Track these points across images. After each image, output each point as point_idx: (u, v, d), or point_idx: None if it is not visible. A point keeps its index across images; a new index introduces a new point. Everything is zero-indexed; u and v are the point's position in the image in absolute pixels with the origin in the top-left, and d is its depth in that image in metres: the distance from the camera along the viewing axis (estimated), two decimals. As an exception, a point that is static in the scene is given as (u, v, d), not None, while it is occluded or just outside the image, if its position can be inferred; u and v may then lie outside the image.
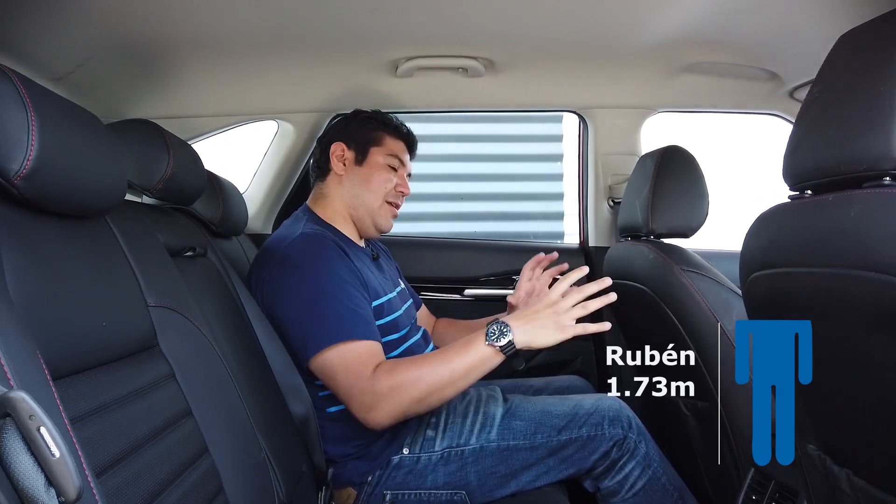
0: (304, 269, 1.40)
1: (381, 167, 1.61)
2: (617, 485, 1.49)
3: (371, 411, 1.29)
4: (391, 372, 1.30)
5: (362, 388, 1.30)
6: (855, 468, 0.97)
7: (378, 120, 1.66)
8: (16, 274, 0.69)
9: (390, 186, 1.61)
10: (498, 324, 1.28)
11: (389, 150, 1.63)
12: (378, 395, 1.28)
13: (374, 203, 1.60)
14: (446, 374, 1.29)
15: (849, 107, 0.87)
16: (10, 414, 0.49)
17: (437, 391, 1.29)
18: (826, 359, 0.96)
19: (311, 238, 1.46)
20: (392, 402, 1.28)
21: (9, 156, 0.71)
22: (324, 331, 1.34)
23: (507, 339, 1.26)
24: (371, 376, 1.29)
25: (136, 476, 0.80)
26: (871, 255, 0.79)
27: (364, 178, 1.60)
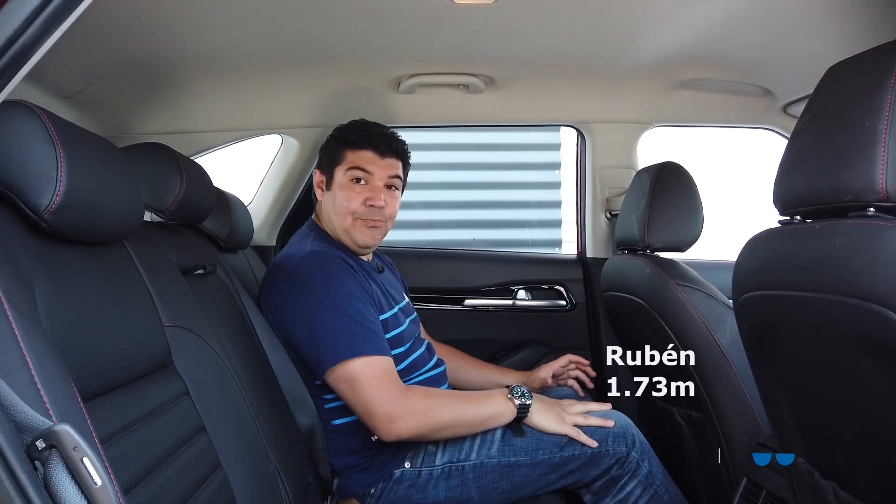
0: (316, 285, 1.43)
1: (342, 186, 1.58)
2: (619, 503, 1.51)
3: (395, 423, 1.37)
4: (428, 395, 1.43)
5: (390, 401, 1.37)
6: (841, 482, 1.01)
7: (339, 138, 1.61)
8: (47, 303, 0.73)
9: (355, 204, 1.56)
10: (521, 388, 1.48)
11: (350, 163, 1.57)
12: (409, 410, 1.38)
13: (344, 223, 1.57)
14: (468, 414, 1.44)
15: (836, 138, 0.91)
16: (55, 445, 0.53)
17: (455, 426, 1.44)
18: (814, 379, 1.01)
19: (321, 255, 1.49)
20: (420, 420, 1.39)
21: (39, 192, 0.75)
22: (339, 346, 1.38)
23: (528, 403, 1.46)
24: (405, 391, 1.39)
25: (158, 493, 0.84)
26: (854, 282, 0.83)
27: (331, 202, 1.59)
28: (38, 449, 0.53)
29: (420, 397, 1.40)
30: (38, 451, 0.52)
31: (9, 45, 0.66)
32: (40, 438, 0.52)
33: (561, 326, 2.28)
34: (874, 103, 0.85)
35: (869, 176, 0.84)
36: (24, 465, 0.52)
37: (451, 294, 2.32)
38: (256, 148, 2.28)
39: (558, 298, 2.31)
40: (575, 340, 2.28)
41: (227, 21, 1.47)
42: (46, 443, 0.52)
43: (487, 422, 1.45)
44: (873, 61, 0.89)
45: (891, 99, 0.84)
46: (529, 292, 2.31)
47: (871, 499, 0.96)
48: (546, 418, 1.47)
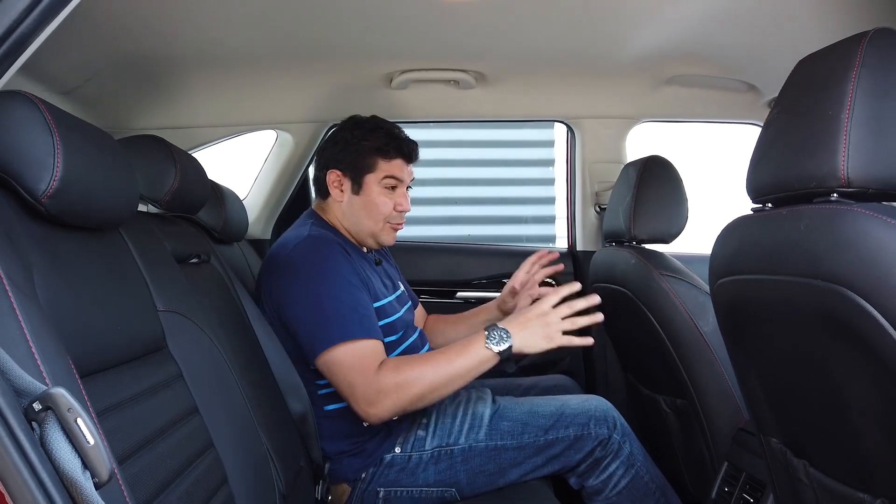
0: (310, 270, 1.46)
1: (378, 194, 1.61)
2: (601, 483, 1.55)
3: (373, 406, 1.36)
4: (396, 370, 1.38)
5: (366, 384, 1.37)
6: (811, 460, 1.05)
7: (371, 144, 1.61)
8: (44, 284, 0.77)
9: (388, 209, 1.61)
10: (497, 329, 1.38)
11: (384, 172, 1.61)
12: (382, 391, 1.36)
13: (375, 227, 1.62)
14: (447, 373, 1.38)
15: (803, 128, 0.95)
16: (51, 407, 0.56)
17: (437, 389, 1.39)
18: (784, 360, 1.05)
19: (317, 240, 1.52)
20: (395, 398, 1.36)
21: (37, 177, 0.79)
22: (330, 330, 1.41)
23: (508, 345, 1.37)
24: (376, 372, 1.37)
25: (151, 466, 0.87)
26: (817, 264, 0.87)
27: (362, 206, 1.61)
28: (34, 411, 0.56)
29: (391, 374, 1.37)
30: (35, 412, 0.56)
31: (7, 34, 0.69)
32: (37, 401, 0.56)
33: (551, 319, 2.31)
34: (838, 93, 0.89)
35: (831, 163, 0.88)
36: (22, 425, 0.56)
37: (443, 287, 2.35)
38: (252, 144, 2.32)
39: (549, 291, 2.34)
40: (565, 332, 2.31)
41: (223, 18, 1.50)
42: (42, 405, 0.56)
43: (469, 373, 1.38)
44: (838, 53, 0.93)
45: (853, 89, 0.88)
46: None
47: (838, 475, 1.00)
48: (533, 343, 1.38)
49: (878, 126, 0.86)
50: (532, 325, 1.38)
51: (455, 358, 1.39)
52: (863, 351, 0.83)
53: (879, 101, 0.87)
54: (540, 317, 1.39)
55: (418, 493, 1.52)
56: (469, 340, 1.39)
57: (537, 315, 1.39)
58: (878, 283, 0.79)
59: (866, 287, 0.80)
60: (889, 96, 0.87)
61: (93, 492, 0.55)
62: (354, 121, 1.67)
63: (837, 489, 0.99)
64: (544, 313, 1.39)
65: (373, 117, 1.68)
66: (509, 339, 1.37)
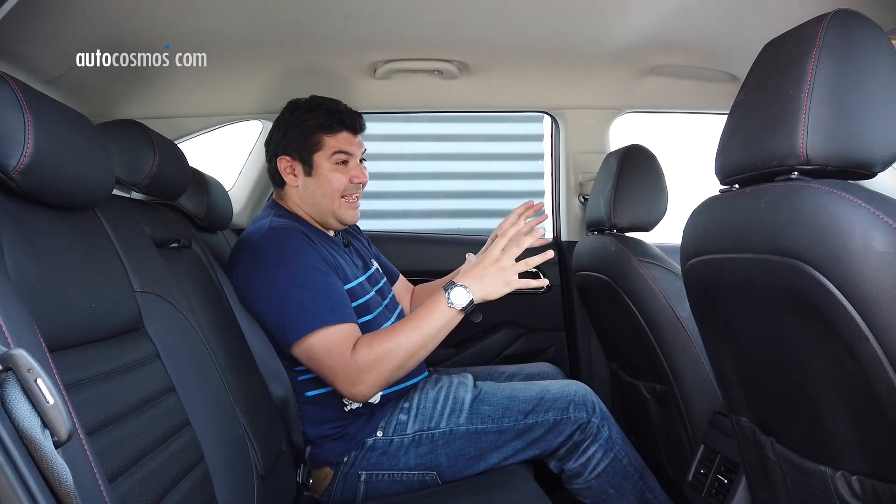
0: (276, 260, 1.46)
1: (329, 170, 1.61)
2: (580, 466, 1.57)
3: (357, 385, 1.38)
4: (370, 345, 1.39)
5: (345, 366, 1.38)
6: (777, 436, 1.07)
7: (312, 123, 1.62)
8: (14, 257, 0.78)
9: (343, 183, 1.61)
10: (455, 287, 1.40)
11: (332, 148, 1.61)
12: (361, 369, 1.37)
13: (332, 204, 1.62)
14: (419, 339, 1.40)
15: (766, 109, 0.97)
16: (11, 368, 0.58)
17: (413, 355, 1.40)
18: (750, 337, 1.07)
19: (279, 230, 1.52)
20: (376, 373, 1.38)
21: (7, 153, 0.80)
22: (302, 320, 1.41)
23: (469, 299, 1.39)
24: (352, 353, 1.38)
25: (121, 440, 0.89)
26: (777, 240, 0.89)
27: (316, 186, 1.62)
28: (-5, 371, 0.58)
29: (366, 350, 1.38)
30: (-4, 373, 0.58)
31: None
32: (-3, 362, 0.58)
33: (536, 308, 2.33)
34: (798, 73, 0.91)
35: (791, 142, 0.90)
36: (-18, 385, 0.57)
37: (429, 277, 2.36)
38: (239, 136, 2.33)
39: (534, 280, 2.35)
40: (550, 321, 2.33)
41: (205, 5, 1.51)
42: (3, 365, 0.57)
43: (440, 333, 1.41)
44: (800, 35, 0.95)
45: (812, 69, 0.89)
46: (506, 275, 2.36)
47: (802, 449, 1.01)
48: (493, 290, 1.41)
49: (837, 105, 0.88)
50: (488, 274, 1.40)
51: (422, 323, 1.40)
52: (821, 325, 0.85)
53: (838, 80, 0.88)
54: (494, 263, 1.41)
55: (399, 476, 1.54)
56: (432, 303, 1.41)
57: (491, 262, 1.41)
58: (833, 257, 0.81)
59: (822, 261, 0.82)
60: (848, 76, 0.89)
61: (51, 449, 0.57)
62: (293, 104, 1.68)
63: (801, 464, 1.00)
64: (496, 258, 1.41)
65: (311, 97, 1.68)
66: (469, 294, 1.39)
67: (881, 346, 0.78)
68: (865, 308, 0.78)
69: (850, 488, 0.91)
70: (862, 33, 0.90)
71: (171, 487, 0.96)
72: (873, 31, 0.90)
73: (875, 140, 0.87)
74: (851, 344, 0.81)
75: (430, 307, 1.41)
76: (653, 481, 1.64)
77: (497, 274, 1.40)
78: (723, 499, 1.40)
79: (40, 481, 0.56)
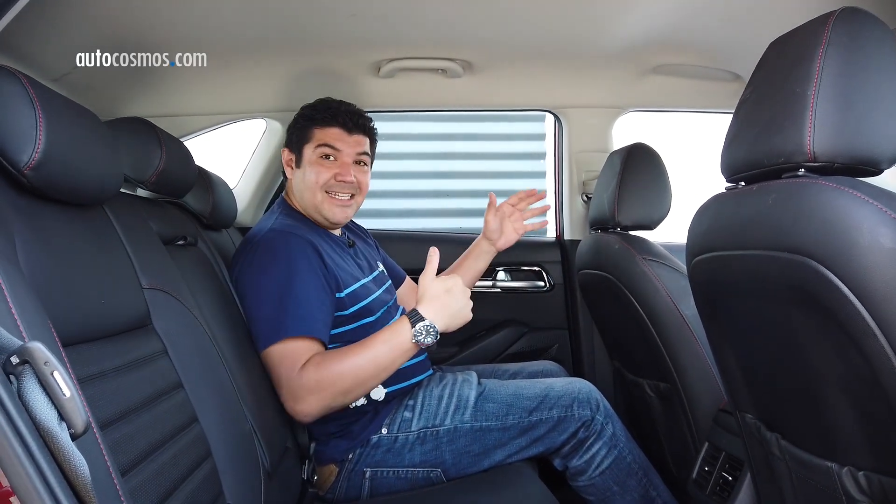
0: (266, 264, 1.47)
1: (312, 163, 1.62)
2: (584, 464, 1.58)
3: (298, 403, 1.38)
4: (318, 366, 1.37)
5: (290, 381, 1.38)
6: (782, 432, 1.08)
7: (306, 116, 1.65)
8: (26, 252, 0.79)
9: (323, 178, 1.60)
10: (423, 324, 1.38)
11: (318, 140, 1.62)
12: (304, 388, 1.37)
13: (314, 198, 1.61)
14: (371, 368, 1.38)
15: (772, 106, 0.97)
16: (28, 361, 0.58)
17: (361, 384, 1.39)
18: (755, 333, 1.07)
19: (279, 233, 1.52)
20: (318, 395, 1.37)
21: (19, 149, 0.81)
22: (269, 328, 1.42)
23: (433, 338, 1.39)
24: (300, 370, 1.37)
25: (131, 435, 0.89)
26: (784, 237, 0.89)
27: (302, 179, 1.63)
28: (12, 364, 0.58)
29: (313, 370, 1.37)
30: (13, 366, 0.58)
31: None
32: (14, 355, 0.58)
33: (540, 307, 2.34)
34: (805, 71, 0.91)
35: (798, 139, 0.90)
36: (0, 377, 0.57)
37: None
38: (243, 135, 2.34)
39: (537, 280, 2.36)
40: (553, 320, 2.34)
41: (210, 4, 1.52)
42: (20, 358, 0.58)
43: (394, 363, 1.40)
44: (806, 33, 0.96)
45: (819, 66, 0.90)
46: (509, 274, 2.37)
47: (808, 445, 1.02)
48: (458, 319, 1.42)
49: (843, 102, 0.88)
50: (447, 303, 1.40)
51: (378, 353, 1.38)
52: (827, 320, 0.85)
53: (845, 78, 0.89)
54: (447, 292, 1.41)
55: (404, 473, 1.54)
56: (394, 333, 1.39)
57: (444, 291, 1.41)
58: (841, 254, 0.81)
59: (830, 257, 0.82)
60: (854, 73, 0.89)
61: (68, 441, 0.57)
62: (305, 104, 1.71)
63: (808, 460, 1.01)
64: (449, 289, 1.41)
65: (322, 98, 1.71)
66: (434, 331, 1.38)
67: (888, 342, 0.78)
68: (873, 304, 0.78)
69: (857, 484, 0.91)
70: (868, 31, 0.90)
71: (181, 482, 0.97)
72: (879, 29, 0.91)
73: (882, 137, 0.88)
74: (859, 339, 0.82)
75: (390, 338, 1.39)
76: (657, 478, 1.64)
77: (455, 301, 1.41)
78: (727, 496, 1.40)
79: (58, 473, 0.56)
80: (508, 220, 1.86)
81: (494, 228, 1.85)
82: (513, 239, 1.86)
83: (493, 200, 1.87)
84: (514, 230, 1.86)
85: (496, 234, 1.86)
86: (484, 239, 1.88)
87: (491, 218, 1.86)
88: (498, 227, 1.86)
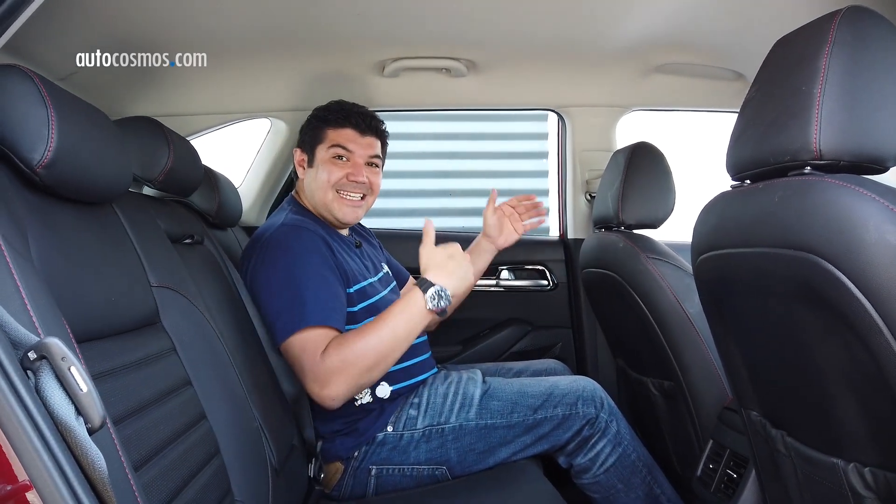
0: (278, 258, 1.48)
1: (325, 162, 1.63)
2: (589, 461, 1.58)
3: (325, 387, 1.37)
4: (339, 346, 1.38)
5: (314, 367, 1.37)
6: (788, 429, 1.08)
7: (320, 117, 1.67)
8: (39, 249, 0.80)
9: (335, 177, 1.62)
10: (435, 289, 1.40)
11: (331, 141, 1.64)
12: (330, 370, 1.36)
13: (325, 197, 1.63)
14: (390, 340, 1.39)
15: (778, 104, 0.98)
16: (45, 356, 0.59)
17: (383, 358, 1.40)
18: (762, 331, 1.07)
19: (291, 228, 1.53)
20: (344, 375, 1.37)
21: (32, 147, 0.82)
22: (287, 320, 1.42)
23: (446, 301, 1.41)
24: (323, 355, 1.37)
25: (143, 431, 0.90)
26: (789, 234, 0.90)
27: (314, 179, 1.65)
28: (29, 360, 0.59)
29: (334, 353, 1.37)
30: (30, 361, 0.59)
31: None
32: (32, 350, 0.59)
33: (543, 305, 2.35)
34: (811, 69, 0.92)
35: (804, 137, 0.90)
36: (19, 373, 0.58)
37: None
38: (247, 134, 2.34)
39: (540, 278, 2.37)
40: (556, 318, 2.34)
41: (215, 4, 1.52)
42: (37, 353, 0.58)
43: (413, 333, 1.42)
44: (812, 31, 0.96)
45: (825, 64, 0.90)
46: (513, 273, 2.38)
47: (813, 442, 1.02)
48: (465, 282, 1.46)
49: (849, 100, 0.89)
50: (454, 268, 1.44)
51: (396, 323, 1.40)
52: (834, 317, 0.86)
53: (851, 76, 0.89)
54: (450, 258, 1.44)
55: (410, 470, 1.55)
56: (408, 303, 1.41)
57: (447, 258, 1.44)
58: (847, 251, 0.82)
59: (836, 254, 0.83)
60: (860, 71, 0.89)
61: (86, 436, 0.58)
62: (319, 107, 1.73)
63: (813, 456, 1.01)
64: (451, 255, 1.45)
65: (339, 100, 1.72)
66: (446, 294, 1.40)
67: (895, 338, 0.79)
68: (879, 300, 0.79)
69: (863, 480, 0.92)
70: (874, 29, 0.90)
71: (191, 479, 0.97)
72: (885, 27, 0.91)
73: (888, 135, 0.88)
74: (865, 336, 0.82)
75: (405, 307, 1.41)
76: (661, 476, 1.65)
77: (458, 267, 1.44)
78: (732, 493, 1.41)
79: (75, 467, 0.57)
80: (508, 219, 1.86)
81: (492, 224, 1.85)
82: (513, 238, 1.86)
83: (493, 196, 1.86)
84: (515, 229, 1.86)
85: (495, 230, 1.85)
86: (484, 237, 1.88)
87: (489, 214, 1.84)
88: (496, 224, 1.85)
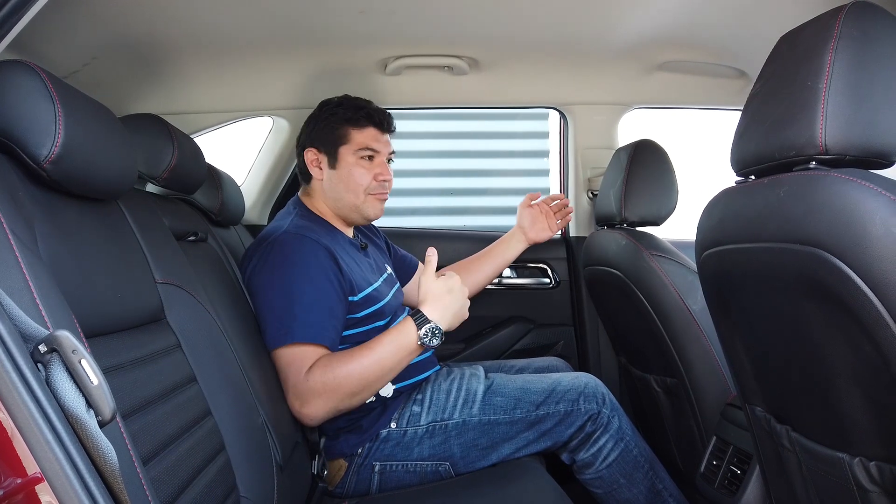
0: (276, 266, 1.48)
1: (354, 165, 1.62)
2: (591, 457, 1.59)
3: (304, 406, 1.40)
4: (325, 368, 1.39)
5: (297, 384, 1.39)
6: (792, 424, 1.08)
7: (340, 116, 1.65)
8: (46, 244, 0.80)
9: (368, 180, 1.62)
10: (429, 326, 1.41)
11: (358, 143, 1.63)
12: (311, 391, 1.38)
13: (357, 200, 1.63)
14: (376, 370, 1.41)
15: (783, 99, 0.98)
16: (56, 349, 0.59)
17: (367, 386, 1.42)
18: (767, 326, 1.08)
19: (293, 236, 1.52)
20: (324, 398, 1.39)
21: (39, 143, 0.82)
22: (276, 331, 1.43)
23: (439, 339, 1.43)
24: (306, 373, 1.39)
25: (150, 426, 0.90)
26: (795, 229, 0.90)
27: (340, 180, 1.63)
28: (40, 353, 0.59)
29: (318, 374, 1.38)
30: (41, 354, 0.59)
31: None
32: (42, 343, 0.59)
33: (545, 303, 2.35)
34: (816, 64, 0.92)
35: (810, 132, 0.91)
36: (29, 365, 0.58)
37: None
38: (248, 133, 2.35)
39: (543, 276, 2.37)
40: (559, 316, 2.35)
41: (219, 4, 1.52)
42: (48, 346, 0.59)
43: (400, 365, 1.43)
44: (817, 26, 0.96)
45: (830, 60, 0.90)
46: (515, 270, 2.38)
47: (819, 437, 1.03)
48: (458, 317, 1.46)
49: (855, 95, 0.89)
50: (451, 303, 1.44)
51: (384, 354, 1.41)
52: (840, 311, 0.86)
53: (856, 70, 0.89)
54: (448, 292, 1.45)
55: (413, 466, 1.55)
56: (400, 335, 1.42)
57: (446, 291, 1.44)
58: (853, 244, 0.82)
59: (842, 248, 0.83)
60: (866, 66, 0.90)
61: (97, 429, 0.58)
62: (323, 102, 1.71)
63: (818, 451, 1.02)
64: (451, 289, 1.45)
65: (343, 96, 1.71)
66: (439, 333, 1.42)
67: (902, 332, 0.79)
68: (885, 293, 0.79)
69: (868, 474, 0.92)
70: (879, 24, 0.91)
71: (197, 475, 0.98)
72: (890, 22, 0.91)
73: (894, 129, 0.88)
74: (871, 330, 0.82)
75: (396, 339, 1.42)
76: (662, 471, 1.65)
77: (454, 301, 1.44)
78: (736, 489, 1.41)
79: (86, 459, 0.57)
80: (545, 216, 2.00)
81: (525, 216, 2.00)
82: (546, 235, 2.00)
83: (530, 196, 2.02)
84: (550, 227, 2.00)
85: (527, 221, 1.99)
86: (518, 228, 2.01)
87: (522, 209, 2.00)
88: (530, 219, 2.00)
